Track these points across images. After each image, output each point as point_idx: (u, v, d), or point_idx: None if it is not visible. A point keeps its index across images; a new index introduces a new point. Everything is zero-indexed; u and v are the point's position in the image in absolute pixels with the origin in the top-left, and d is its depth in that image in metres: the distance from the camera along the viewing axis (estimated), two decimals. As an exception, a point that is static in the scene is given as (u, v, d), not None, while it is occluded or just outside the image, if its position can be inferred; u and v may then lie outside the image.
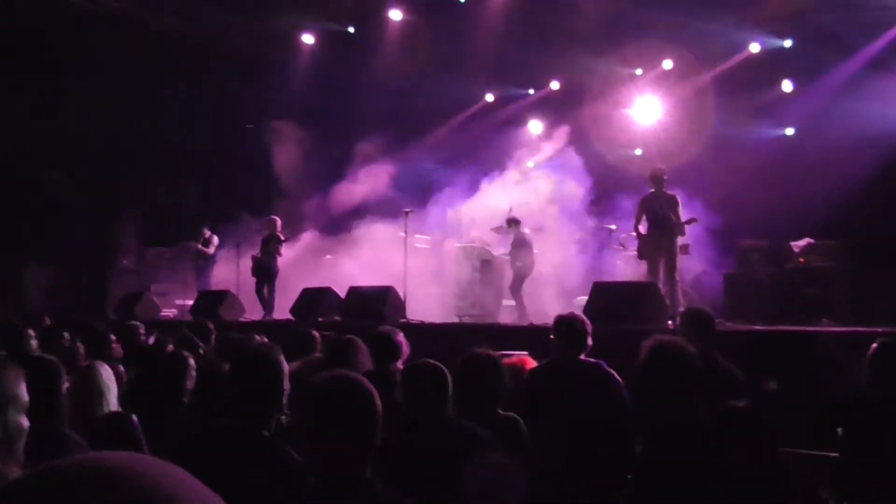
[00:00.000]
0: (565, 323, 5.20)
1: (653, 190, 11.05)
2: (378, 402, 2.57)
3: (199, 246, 16.08)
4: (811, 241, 12.26)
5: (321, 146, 16.83)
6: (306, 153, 17.04)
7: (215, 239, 16.17)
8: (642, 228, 11.09)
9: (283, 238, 14.48)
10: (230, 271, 15.41)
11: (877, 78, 13.03)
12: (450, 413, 3.73)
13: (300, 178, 17.08)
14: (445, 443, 3.55)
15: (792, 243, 12.39)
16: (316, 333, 6.72)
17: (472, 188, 15.48)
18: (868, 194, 12.31)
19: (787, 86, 14.66)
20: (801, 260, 12.19)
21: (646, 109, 16.16)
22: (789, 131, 14.75)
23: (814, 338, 8.29)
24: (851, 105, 12.94)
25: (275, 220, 14.66)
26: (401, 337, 5.43)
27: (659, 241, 10.70)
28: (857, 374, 4.70)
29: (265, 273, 14.23)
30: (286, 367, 3.34)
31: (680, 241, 10.99)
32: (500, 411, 4.38)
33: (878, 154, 12.49)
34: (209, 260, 16.11)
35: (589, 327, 5.16)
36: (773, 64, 14.72)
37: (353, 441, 2.49)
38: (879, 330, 7.76)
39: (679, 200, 10.96)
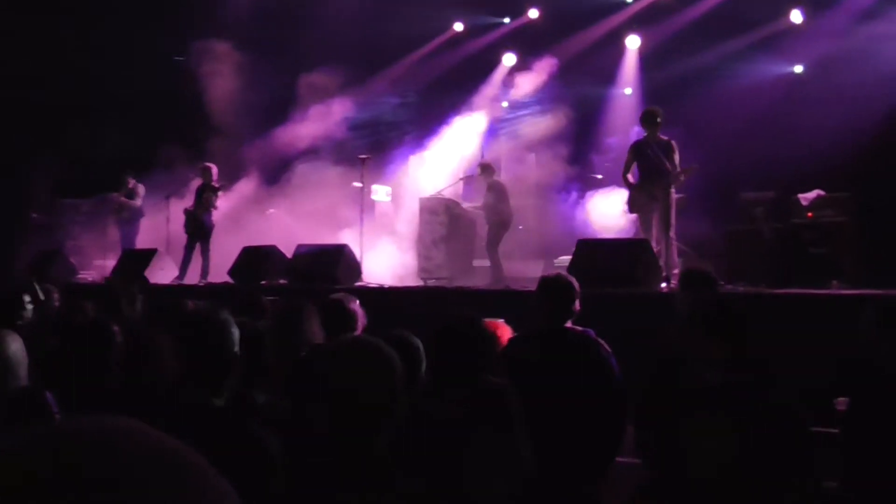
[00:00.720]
0: (551, 285, 5.17)
1: (645, 134, 11.03)
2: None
3: (123, 198, 15.84)
4: (821, 192, 12.34)
5: (263, 78, 16.57)
6: (245, 84, 16.75)
7: (141, 189, 15.91)
8: (632, 178, 11.08)
9: (218, 188, 14.29)
10: (158, 227, 15.22)
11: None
12: (420, 392, 3.73)
13: (238, 114, 16.79)
14: (415, 428, 3.56)
15: (800, 196, 12.46)
16: (265, 299, 6.64)
17: (439, 131, 15.38)
18: (886, 140, 12.39)
19: (796, 16, 14.64)
20: (810, 214, 12.27)
21: (637, 42, 16.12)
22: (798, 69, 14.80)
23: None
24: (868, 39, 12.98)
25: (210, 168, 14.46)
26: (356, 305, 5.36)
27: (652, 192, 10.69)
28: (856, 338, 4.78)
29: (199, 229, 14.06)
30: (236, 329, 3.30)
31: (675, 193, 10.99)
32: (491, 378, 4.37)
33: (897, 95, 12.56)
34: (135, 213, 15.88)
35: (577, 290, 5.14)
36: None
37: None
38: (895, 293, 7.86)
39: (675, 146, 10.93)
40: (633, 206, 11.10)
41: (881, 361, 4.52)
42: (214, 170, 14.45)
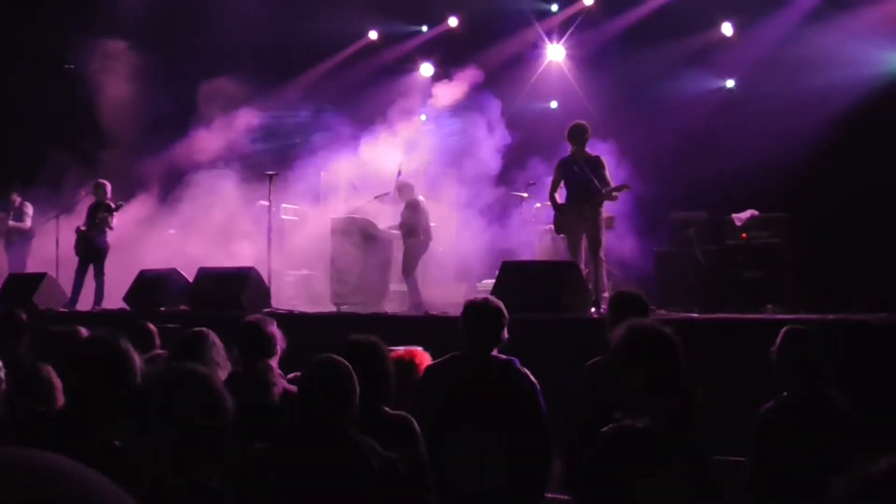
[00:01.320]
0: (477, 311, 5.20)
1: (572, 150, 11.14)
2: (226, 402, 2.55)
3: (12, 221, 15.55)
4: (755, 213, 12.58)
5: (160, 85, 16.33)
6: (141, 90, 16.49)
7: (28, 208, 15.65)
8: (560, 197, 11.17)
9: (114, 206, 14.07)
10: (47, 248, 14.92)
11: (836, 16, 13.18)
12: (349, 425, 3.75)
13: (133, 123, 16.50)
14: (337, 461, 3.61)
15: (733, 216, 12.69)
16: (152, 326, 6.57)
17: (352, 146, 15.35)
18: (822, 159, 12.63)
19: (726, 29, 14.93)
20: (744, 235, 12.51)
21: (562, 53, 16.31)
22: (729, 83, 15.06)
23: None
24: (802, 52, 13.25)
25: (104, 185, 14.26)
26: (273, 328, 5.39)
27: (581, 211, 10.78)
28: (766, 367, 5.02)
29: (92, 251, 13.83)
30: (137, 358, 3.25)
31: (604, 212, 11.11)
32: (388, 409, 4.40)
33: (833, 111, 12.77)
34: (24, 235, 15.59)
35: (505, 317, 5.17)
36: (711, 1, 14.97)
37: (192, 443, 2.47)
38: (831, 317, 8.06)
39: (605, 162, 11.07)
40: (560, 226, 11.17)
41: (786, 388, 4.77)
42: (108, 187, 14.27)
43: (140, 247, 14.94)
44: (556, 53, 16.38)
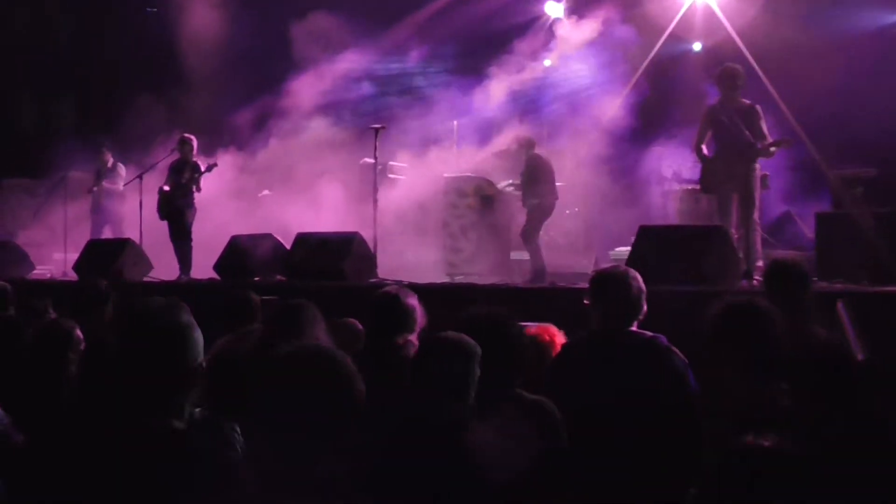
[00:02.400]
0: (609, 281, 5.10)
1: (721, 97, 10.91)
2: (358, 384, 2.62)
3: (106, 182, 15.89)
4: (935, 169, 12.30)
5: (252, 25, 16.46)
6: (229, 31, 16.66)
7: (122, 168, 16.00)
8: (707, 150, 10.97)
9: (204, 168, 14.19)
10: (129, 211, 15.19)
11: None
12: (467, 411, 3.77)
13: (220, 71, 16.69)
14: (450, 453, 3.63)
15: (908, 173, 12.42)
16: (255, 297, 6.59)
17: (468, 95, 15.30)
18: None
19: (903, -47, 14.59)
20: (922, 195, 12.20)
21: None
22: (904, 17, 14.72)
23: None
24: None
25: (190, 140, 14.35)
26: (413, 300, 5.37)
27: (731, 167, 10.59)
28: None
29: (176, 214, 14.02)
30: (199, 334, 3.22)
31: (758, 169, 10.86)
32: (525, 393, 4.38)
33: None
34: (115, 198, 15.93)
35: (642, 287, 5.05)
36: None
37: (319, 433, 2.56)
38: None
39: (760, 112, 10.81)
40: (707, 185, 11.04)
41: None
42: (195, 142, 14.32)
43: (230, 209, 15.12)
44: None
